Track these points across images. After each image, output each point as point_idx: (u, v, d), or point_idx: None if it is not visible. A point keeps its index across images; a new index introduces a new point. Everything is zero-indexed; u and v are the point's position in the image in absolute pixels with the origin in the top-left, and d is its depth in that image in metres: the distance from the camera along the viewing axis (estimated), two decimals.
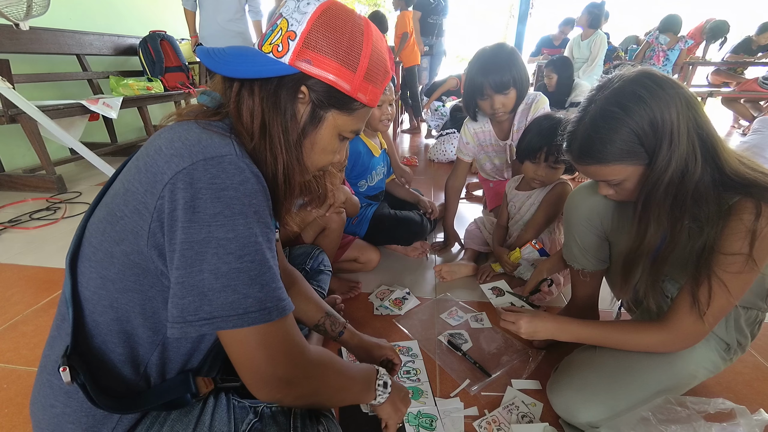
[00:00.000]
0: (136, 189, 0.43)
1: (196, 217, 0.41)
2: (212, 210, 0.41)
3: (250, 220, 0.43)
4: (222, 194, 0.41)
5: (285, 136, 0.50)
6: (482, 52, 1.30)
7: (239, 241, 0.42)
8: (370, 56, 0.51)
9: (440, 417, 0.83)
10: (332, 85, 0.50)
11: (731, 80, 4.51)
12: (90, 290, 0.47)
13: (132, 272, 0.45)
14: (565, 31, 4.56)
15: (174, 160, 0.42)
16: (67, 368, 0.43)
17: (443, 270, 1.38)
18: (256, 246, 0.43)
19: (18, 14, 1.71)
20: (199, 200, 0.41)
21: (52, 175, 2.25)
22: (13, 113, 2.01)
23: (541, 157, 1.19)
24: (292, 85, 0.50)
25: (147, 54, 3.21)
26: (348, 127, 0.56)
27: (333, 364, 0.57)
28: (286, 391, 0.48)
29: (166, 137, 0.45)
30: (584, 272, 0.95)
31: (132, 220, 0.43)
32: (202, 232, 0.41)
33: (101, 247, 0.46)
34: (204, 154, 0.42)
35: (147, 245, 0.43)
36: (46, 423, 0.50)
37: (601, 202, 0.86)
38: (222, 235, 0.41)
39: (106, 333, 0.47)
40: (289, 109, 0.50)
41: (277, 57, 0.49)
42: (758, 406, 0.71)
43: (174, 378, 0.54)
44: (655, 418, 0.68)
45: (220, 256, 0.41)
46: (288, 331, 0.48)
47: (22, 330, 1.12)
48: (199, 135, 0.44)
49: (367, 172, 1.50)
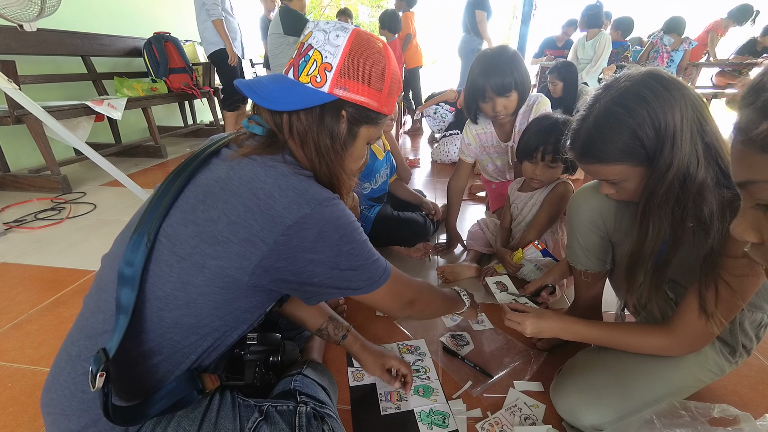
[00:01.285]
0: (249, 224, 0.51)
1: (327, 242, 0.54)
2: (337, 235, 0.55)
3: (356, 230, 0.58)
4: (339, 223, 0.55)
5: (335, 154, 0.60)
6: (484, 54, 1.30)
7: (359, 246, 0.58)
8: (391, 75, 0.60)
9: (452, 414, 0.84)
10: (364, 105, 0.59)
11: (736, 81, 4.48)
12: (165, 291, 0.52)
13: (222, 281, 0.53)
14: (568, 32, 4.55)
15: (294, 207, 0.52)
16: (105, 374, 0.45)
17: (446, 271, 1.38)
18: (365, 241, 0.60)
19: (29, 15, 1.72)
20: (326, 233, 0.54)
21: (57, 176, 2.27)
22: (19, 114, 2.03)
23: (538, 157, 1.20)
24: (334, 111, 0.58)
25: (151, 55, 3.23)
26: (374, 136, 0.66)
27: (430, 287, 0.80)
28: (413, 306, 0.72)
29: (271, 183, 0.53)
30: (587, 273, 0.95)
31: (241, 247, 0.51)
32: (333, 250, 0.55)
33: (190, 258, 0.52)
34: (317, 200, 0.53)
35: (254, 266, 0.52)
36: (72, 409, 0.51)
37: (604, 203, 0.86)
38: (348, 248, 0.57)
39: (170, 326, 0.53)
40: (335, 130, 0.59)
41: (317, 87, 0.56)
42: (763, 410, 0.71)
43: (181, 377, 0.54)
44: (659, 422, 0.67)
45: (351, 259, 0.57)
46: (400, 276, 0.69)
47: (26, 329, 1.12)
48: (300, 183, 0.54)
49: (371, 174, 1.51)
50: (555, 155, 1.17)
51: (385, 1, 8.63)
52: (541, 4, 5.45)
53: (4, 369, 0.98)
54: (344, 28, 0.57)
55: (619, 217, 0.85)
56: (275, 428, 0.59)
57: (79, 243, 1.68)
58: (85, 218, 1.95)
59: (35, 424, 0.83)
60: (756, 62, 4.22)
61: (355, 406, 0.86)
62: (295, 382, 0.72)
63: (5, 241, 1.70)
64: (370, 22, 11.96)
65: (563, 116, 1.22)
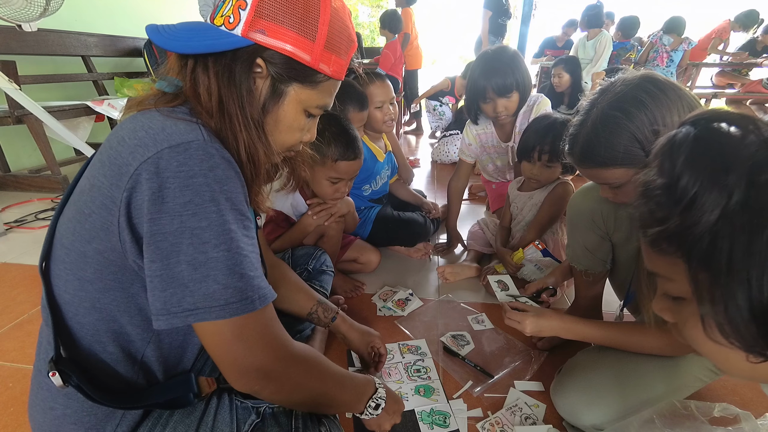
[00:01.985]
0: (101, 183, 0.41)
1: (166, 207, 0.39)
2: (182, 199, 0.39)
3: (222, 207, 0.41)
4: (190, 182, 0.40)
5: (243, 112, 0.48)
6: (484, 55, 1.30)
7: (213, 230, 0.41)
8: (329, 23, 0.48)
9: (453, 414, 0.84)
10: (291, 56, 0.48)
11: (736, 81, 4.48)
12: (69, 293, 0.45)
13: (109, 270, 0.43)
14: (568, 32, 4.56)
15: (138, 150, 0.40)
16: (57, 373, 0.42)
17: (446, 271, 1.38)
18: (231, 234, 0.42)
19: (30, 15, 1.72)
20: (167, 190, 0.39)
21: (58, 176, 2.27)
22: (20, 114, 2.02)
23: (535, 156, 1.20)
24: (247, 58, 0.47)
25: (151, 55, 3.23)
26: (313, 102, 0.53)
27: (318, 364, 0.55)
28: (263, 383, 0.47)
29: (128, 127, 0.43)
30: (587, 273, 0.95)
31: (101, 216, 0.41)
32: (174, 222, 0.39)
33: (73, 247, 0.44)
34: (169, 142, 0.40)
35: (119, 240, 0.41)
36: (47, 426, 0.49)
37: (604, 203, 0.86)
38: (195, 224, 0.40)
39: (93, 334, 0.46)
40: (245, 83, 0.47)
41: (229, 29, 0.46)
42: (764, 410, 0.71)
43: (176, 377, 0.54)
44: (659, 421, 0.68)
45: (195, 246, 0.40)
46: (268, 321, 0.46)
47: (27, 329, 1.13)
48: (162, 122, 0.42)
49: (371, 177, 1.50)
50: (552, 155, 1.17)
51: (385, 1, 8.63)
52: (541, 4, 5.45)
53: (5, 369, 0.98)
54: None
55: (619, 217, 0.85)
56: (272, 430, 0.59)
57: None
58: None
59: None
60: (756, 62, 4.22)
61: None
62: None
63: (6, 241, 1.70)
64: (370, 22, 11.96)
65: (562, 116, 1.22)
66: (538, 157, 1.20)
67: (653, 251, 0.35)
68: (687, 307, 0.34)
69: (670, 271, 0.34)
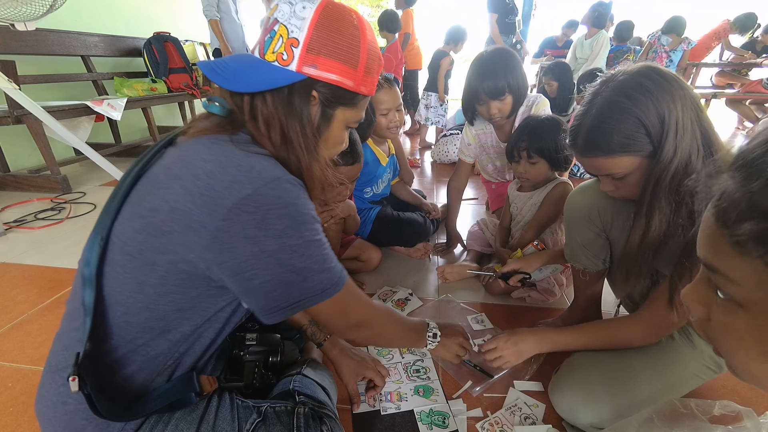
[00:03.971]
0: (188, 209, 0.46)
1: (269, 232, 0.47)
2: (281, 225, 0.47)
3: (309, 224, 0.50)
4: (286, 210, 0.48)
5: (305, 139, 0.54)
6: (480, 57, 1.30)
7: (307, 244, 0.50)
8: (367, 51, 0.54)
9: (452, 414, 0.84)
10: (338, 84, 0.53)
11: (735, 81, 4.48)
12: (124, 294, 0.49)
13: (176, 277, 0.48)
14: (567, 33, 4.56)
15: (235, 186, 0.45)
16: (77, 378, 0.44)
17: (446, 271, 1.38)
18: (318, 242, 0.51)
19: (35, 13, 1.72)
20: (269, 219, 0.46)
21: (57, 176, 2.27)
22: (19, 114, 2.02)
23: (516, 155, 1.22)
24: (304, 91, 0.53)
25: (151, 55, 3.23)
26: (353, 119, 0.60)
27: (391, 315, 0.72)
28: (358, 331, 0.63)
29: (212, 160, 0.47)
30: (585, 272, 0.95)
31: (183, 235, 0.46)
32: (276, 243, 0.47)
33: (141, 256, 0.48)
34: (263, 179, 0.47)
35: (198, 257, 0.47)
36: (57, 420, 0.50)
37: (601, 201, 0.86)
38: (293, 243, 0.48)
39: (138, 331, 0.50)
40: (305, 113, 0.54)
41: (284, 65, 0.51)
42: (764, 408, 0.71)
43: (178, 378, 0.54)
44: (659, 420, 0.67)
45: (295, 257, 0.49)
46: (351, 292, 0.59)
47: (26, 329, 1.12)
48: (246, 159, 0.48)
49: (373, 180, 1.50)
50: (530, 150, 1.19)
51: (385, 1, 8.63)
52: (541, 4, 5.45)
53: (5, 369, 0.98)
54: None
55: (615, 214, 0.86)
56: (273, 429, 0.59)
57: (79, 243, 1.67)
58: (85, 218, 1.94)
59: (35, 424, 0.83)
60: (756, 62, 4.22)
61: None
62: (294, 383, 0.72)
63: (5, 241, 1.70)
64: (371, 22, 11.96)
65: (544, 115, 1.24)
66: (518, 155, 1.22)
67: (730, 245, 0.27)
68: (742, 317, 0.28)
69: (739, 272, 0.27)
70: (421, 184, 2.52)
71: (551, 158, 1.18)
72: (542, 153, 1.18)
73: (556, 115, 1.24)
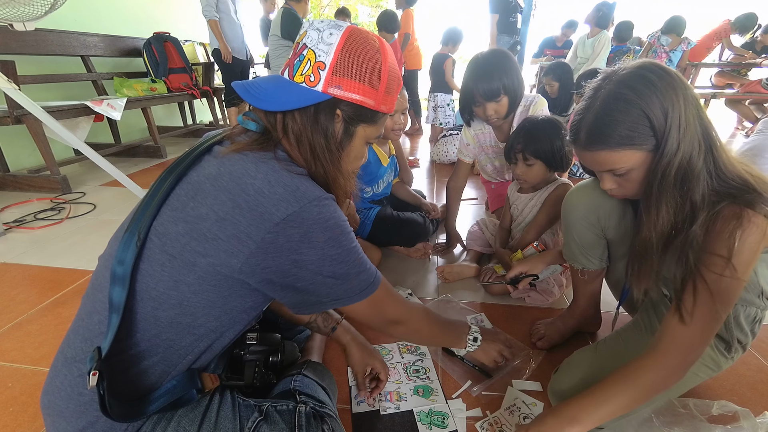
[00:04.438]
0: (237, 221, 0.50)
1: (312, 244, 0.52)
2: (323, 237, 0.53)
3: (346, 234, 0.56)
4: (327, 224, 0.53)
5: (330, 154, 0.59)
6: (475, 59, 1.31)
7: (346, 252, 0.56)
8: (388, 72, 0.59)
9: (452, 414, 0.84)
10: (360, 104, 0.58)
11: (735, 81, 4.49)
12: (158, 290, 0.52)
13: (214, 278, 0.52)
14: (567, 33, 4.56)
15: (282, 204, 0.51)
16: (98, 373, 0.45)
17: (445, 271, 1.38)
18: (354, 249, 0.58)
19: (36, 13, 1.71)
20: (312, 233, 0.52)
21: (57, 176, 2.27)
22: (19, 114, 2.02)
23: (516, 156, 1.22)
24: (329, 110, 0.57)
25: (151, 55, 3.23)
26: (373, 135, 0.64)
27: (427, 314, 0.76)
28: (397, 327, 0.69)
29: (261, 179, 0.52)
30: (583, 271, 0.95)
31: (228, 243, 0.51)
32: (318, 253, 0.53)
33: (181, 256, 0.51)
34: (308, 198, 0.52)
35: (241, 264, 0.51)
36: (70, 411, 0.51)
37: (599, 201, 0.86)
38: (334, 252, 0.54)
39: (166, 326, 0.53)
40: (329, 129, 0.58)
41: (311, 86, 0.56)
42: (762, 409, 0.71)
43: (181, 375, 0.55)
44: (658, 420, 0.68)
45: (335, 264, 0.55)
46: (387, 291, 0.65)
47: (26, 329, 1.13)
48: (291, 179, 0.53)
49: (374, 180, 1.50)
50: (526, 152, 1.19)
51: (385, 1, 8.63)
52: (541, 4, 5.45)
53: (5, 369, 0.98)
54: (338, 26, 0.56)
55: (613, 214, 0.86)
56: (275, 428, 0.60)
57: (79, 243, 1.68)
58: (85, 218, 1.95)
59: (35, 424, 0.83)
60: (755, 62, 4.22)
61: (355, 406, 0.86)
62: (294, 382, 0.72)
63: (5, 241, 1.70)
64: (370, 22, 11.97)
65: (545, 116, 1.24)
66: (515, 157, 1.22)
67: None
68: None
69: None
70: (419, 185, 2.53)
71: (548, 159, 1.19)
72: (538, 154, 1.18)
73: (555, 116, 1.25)
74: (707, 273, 0.60)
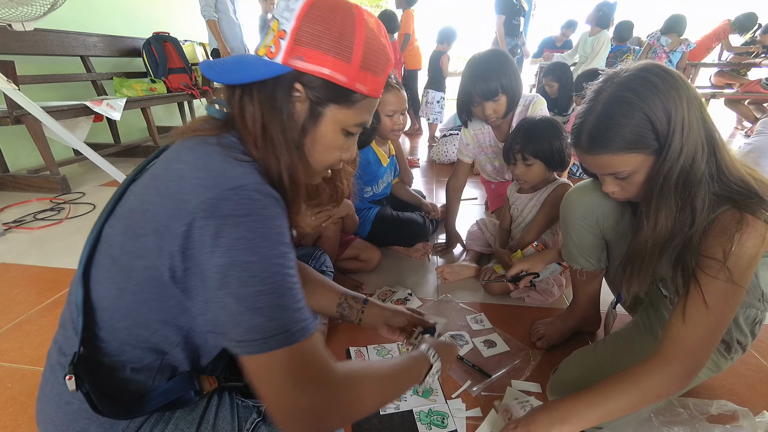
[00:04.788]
0: (158, 211, 0.44)
1: (220, 242, 0.41)
2: (235, 235, 0.41)
3: (272, 242, 0.43)
4: (243, 220, 0.42)
5: (284, 136, 0.50)
6: (473, 59, 1.31)
7: (262, 264, 0.42)
8: (364, 44, 0.49)
9: (451, 414, 0.84)
10: (328, 79, 0.49)
11: (734, 81, 4.49)
12: (107, 299, 0.48)
13: (152, 284, 0.46)
14: (566, 33, 4.56)
15: (199, 189, 0.42)
16: (73, 377, 0.43)
17: (445, 271, 1.38)
18: (279, 267, 0.43)
19: (36, 13, 1.71)
20: (223, 227, 0.41)
21: (56, 176, 2.27)
22: (18, 114, 2.02)
23: (515, 156, 1.22)
24: (287, 84, 0.49)
25: (150, 55, 3.23)
26: (351, 121, 0.54)
27: (366, 376, 0.52)
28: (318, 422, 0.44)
29: (189, 162, 0.45)
30: (582, 272, 0.95)
31: (153, 239, 0.44)
32: (225, 256, 0.41)
33: (120, 260, 0.46)
34: (228, 185, 0.43)
35: (163, 263, 0.44)
36: (60, 420, 0.50)
37: (597, 201, 0.86)
38: (245, 259, 0.41)
39: (125, 337, 0.48)
40: (286, 108, 0.50)
41: (271, 58, 0.49)
42: (761, 408, 0.71)
43: (178, 377, 0.54)
44: (657, 419, 0.68)
45: (242, 279, 0.41)
46: (313, 352, 0.45)
47: (26, 329, 1.13)
48: (222, 164, 0.45)
49: (374, 180, 1.51)
50: (525, 152, 1.19)
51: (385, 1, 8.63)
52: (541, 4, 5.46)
53: (4, 369, 0.98)
54: None
55: (612, 215, 0.86)
56: (273, 429, 0.59)
57: (79, 243, 1.67)
58: (85, 218, 1.94)
59: (35, 424, 0.83)
60: (755, 62, 4.23)
61: None
62: None
63: (4, 241, 1.69)
64: None
65: (543, 116, 1.24)
66: (514, 158, 1.22)
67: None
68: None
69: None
70: (419, 185, 2.52)
71: (547, 159, 1.19)
72: (537, 154, 1.18)
73: (554, 116, 1.25)
74: (701, 275, 0.60)
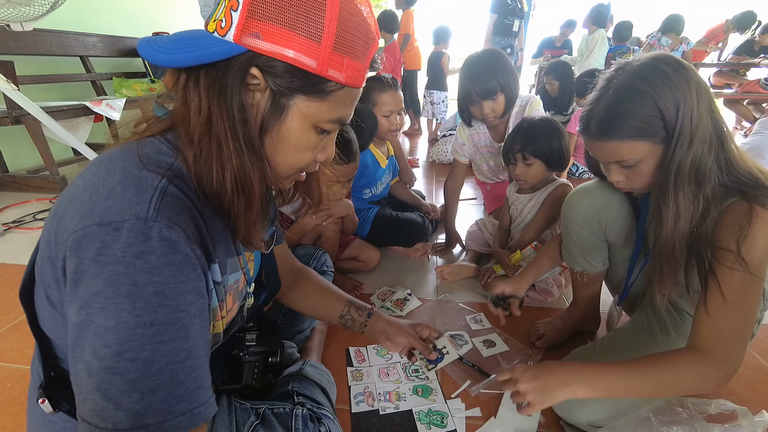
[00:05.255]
0: (48, 238, 0.37)
1: (78, 292, 0.33)
2: (93, 288, 0.32)
3: (140, 305, 0.33)
4: (105, 271, 0.32)
5: (233, 134, 0.39)
6: (470, 58, 1.32)
7: (120, 333, 0.32)
8: (338, 18, 0.39)
9: (451, 414, 0.84)
10: (292, 63, 0.39)
11: (733, 82, 4.49)
12: (47, 327, 0.43)
13: (63, 317, 0.39)
14: (566, 33, 4.56)
15: (76, 217, 0.34)
16: (46, 400, 0.41)
17: (445, 271, 1.38)
18: (143, 339, 0.33)
19: (36, 13, 1.71)
20: (83, 273, 0.33)
21: (56, 176, 2.26)
22: (18, 114, 2.02)
23: (515, 156, 1.22)
24: (240, 69, 0.39)
25: None
26: (324, 116, 0.43)
27: None
28: None
29: (85, 178, 0.37)
30: (583, 274, 0.95)
31: (50, 267, 0.38)
32: (81, 312, 0.33)
33: (40, 279, 0.42)
34: (98, 218, 0.33)
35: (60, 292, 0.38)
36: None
37: (599, 203, 0.86)
38: (101, 322, 0.32)
39: None
40: (236, 99, 0.39)
41: (221, 35, 0.39)
42: (760, 408, 0.71)
43: None
44: (656, 419, 0.68)
45: (95, 348, 0.32)
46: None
47: (26, 330, 1.12)
48: (113, 187, 0.35)
49: (373, 182, 1.51)
50: (524, 151, 1.19)
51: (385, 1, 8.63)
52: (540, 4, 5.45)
53: (4, 370, 0.98)
54: None
55: (615, 217, 0.86)
56: (272, 431, 0.59)
57: None
58: None
59: None
60: (754, 62, 4.23)
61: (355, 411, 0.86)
62: (293, 383, 0.72)
63: (4, 241, 1.69)
64: None
65: (542, 116, 1.25)
66: (514, 158, 1.23)
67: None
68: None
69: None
70: (419, 184, 2.52)
71: (547, 158, 1.19)
72: (537, 154, 1.19)
73: (553, 116, 1.25)
74: (718, 267, 0.60)
